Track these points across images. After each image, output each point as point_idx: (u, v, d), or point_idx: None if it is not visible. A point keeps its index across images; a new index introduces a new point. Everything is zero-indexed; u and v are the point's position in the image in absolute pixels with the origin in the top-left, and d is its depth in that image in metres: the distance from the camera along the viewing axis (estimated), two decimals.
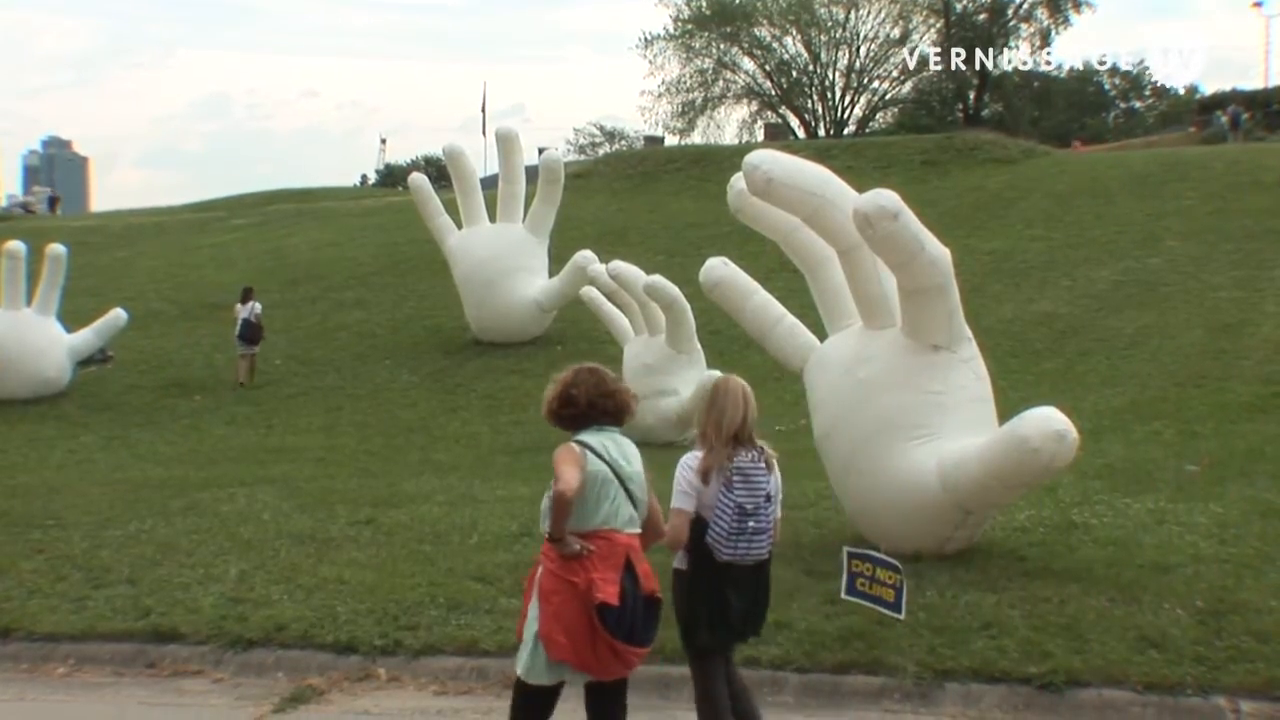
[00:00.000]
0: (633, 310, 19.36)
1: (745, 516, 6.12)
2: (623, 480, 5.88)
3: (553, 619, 5.71)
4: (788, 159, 10.19)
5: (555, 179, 26.24)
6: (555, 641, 5.70)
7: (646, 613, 5.86)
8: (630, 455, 6.02)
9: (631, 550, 5.86)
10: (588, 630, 5.68)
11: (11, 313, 24.09)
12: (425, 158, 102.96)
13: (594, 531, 5.78)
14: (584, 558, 5.71)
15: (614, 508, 5.84)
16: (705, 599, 6.21)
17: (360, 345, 27.56)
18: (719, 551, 6.13)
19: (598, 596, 5.65)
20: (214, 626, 9.08)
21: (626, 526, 5.88)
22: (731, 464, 6.16)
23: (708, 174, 39.06)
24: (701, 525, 6.16)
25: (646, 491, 6.03)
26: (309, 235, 40.63)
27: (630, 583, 5.77)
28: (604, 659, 5.75)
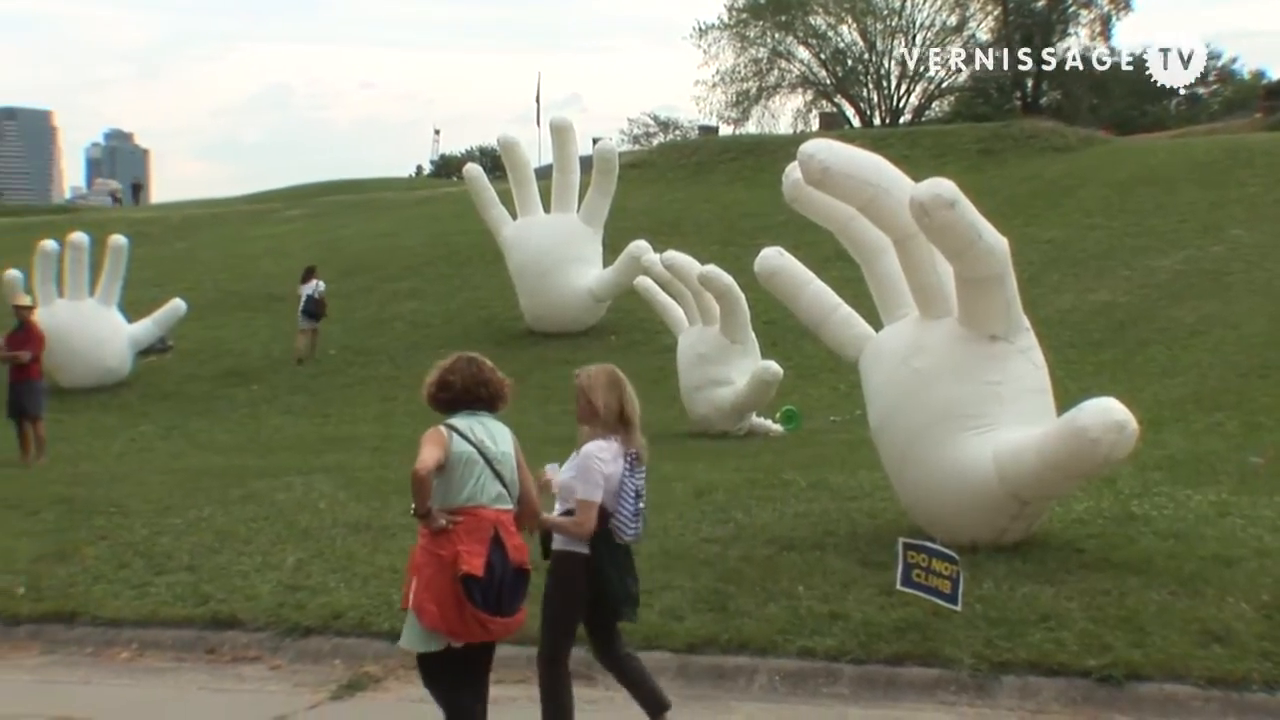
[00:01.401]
0: (687, 300, 19.32)
1: (639, 499, 6.48)
2: (489, 460, 6.20)
3: (424, 589, 6.07)
4: (843, 148, 10.13)
5: (609, 169, 26.22)
6: (426, 610, 6.05)
7: (515, 584, 6.20)
8: (499, 437, 6.33)
9: (500, 525, 6.18)
10: (455, 600, 6.01)
11: (75, 303, 24.37)
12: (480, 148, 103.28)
13: (461, 507, 6.12)
14: (450, 531, 6.05)
15: (479, 486, 6.17)
16: (618, 581, 6.49)
17: (414, 335, 27.67)
18: (621, 533, 6.43)
19: (463, 568, 5.99)
20: (272, 614, 9.15)
21: (495, 503, 6.21)
22: (631, 450, 6.50)
23: (762, 164, 38.89)
24: (603, 513, 6.39)
25: (517, 471, 6.35)
26: (364, 226, 40.83)
27: (498, 555, 6.11)
28: (471, 628, 6.09)
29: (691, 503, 12.24)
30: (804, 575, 9.27)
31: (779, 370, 18.10)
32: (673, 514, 11.67)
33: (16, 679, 8.67)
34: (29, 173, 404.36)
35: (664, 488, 13.09)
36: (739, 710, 7.55)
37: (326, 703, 7.89)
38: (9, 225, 51.51)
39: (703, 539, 10.66)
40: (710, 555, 10.03)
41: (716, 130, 68.53)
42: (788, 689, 7.79)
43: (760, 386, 18.06)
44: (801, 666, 7.91)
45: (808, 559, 9.74)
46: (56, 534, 11.75)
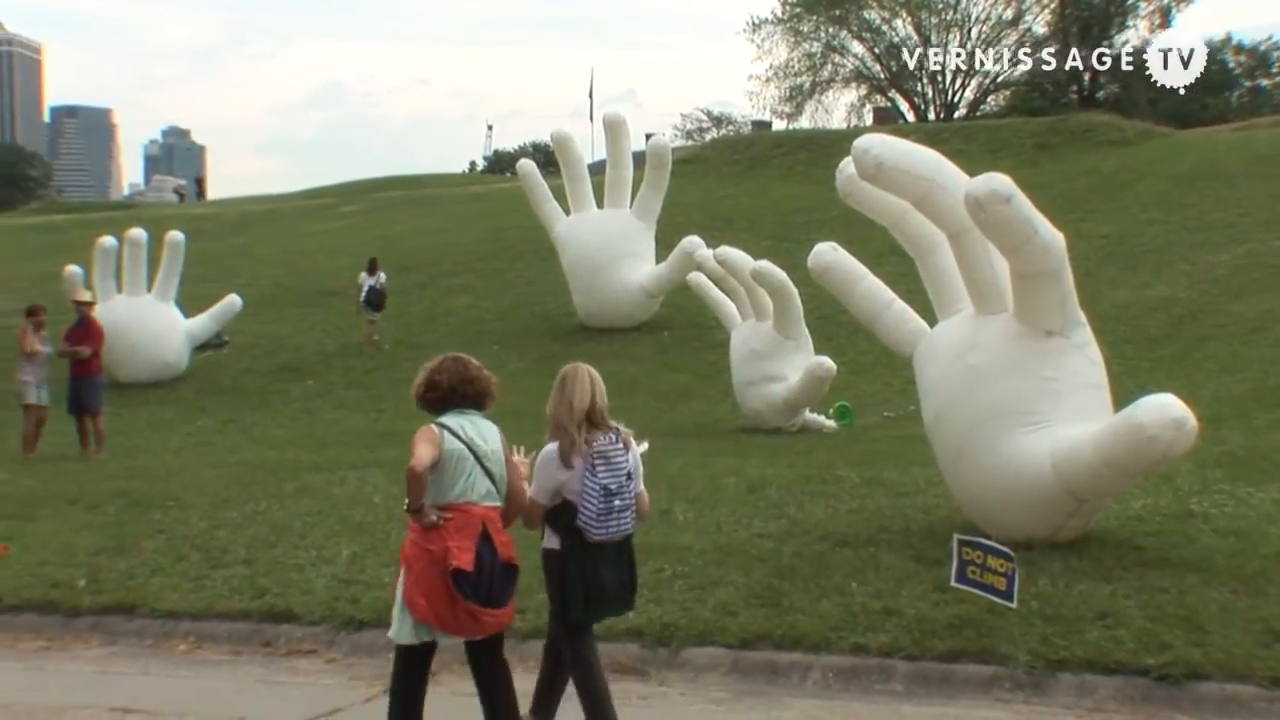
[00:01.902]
0: (740, 296, 19.29)
1: (610, 496, 6.43)
2: (479, 458, 6.39)
3: (414, 584, 6.28)
4: (898, 143, 10.08)
5: (663, 164, 26.20)
6: (417, 604, 6.26)
7: (503, 579, 6.38)
8: (488, 435, 6.51)
9: (489, 521, 6.37)
10: (445, 594, 6.20)
11: (133, 298, 24.64)
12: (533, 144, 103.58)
13: (451, 504, 6.30)
14: (441, 527, 6.23)
15: (470, 482, 6.35)
16: (581, 579, 6.49)
17: (468, 331, 27.77)
18: (590, 533, 6.43)
19: (453, 563, 6.17)
20: (327, 607, 9.21)
21: (484, 500, 6.39)
22: (591, 448, 6.44)
23: (815, 158, 38.80)
24: (571, 510, 6.45)
25: (504, 468, 6.52)
26: (418, 221, 41.04)
27: (487, 551, 6.30)
28: (463, 621, 6.27)
29: (744, 498, 12.22)
30: (857, 571, 9.24)
31: (832, 366, 18.03)
32: (725, 509, 11.67)
33: (78, 669, 8.78)
34: (88, 170, 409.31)
35: (717, 483, 13.10)
36: (792, 706, 7.53)
37: (381, 696, 7.90)
38: (69, 222, 52.18)
39: (756, 534, 10.65)
40: (763, 551, 10.00)
41: (770, 125, 68.37)
42: (841, 685, 7.77)
43: (813, 382, 18.00)
44: (855, 663, 7.87)
45: (861, 555, 9.70)
46: (116, 527, 11.88)
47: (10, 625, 9.64)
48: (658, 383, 23.17)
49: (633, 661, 8.23)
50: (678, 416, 20.79)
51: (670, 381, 23.23)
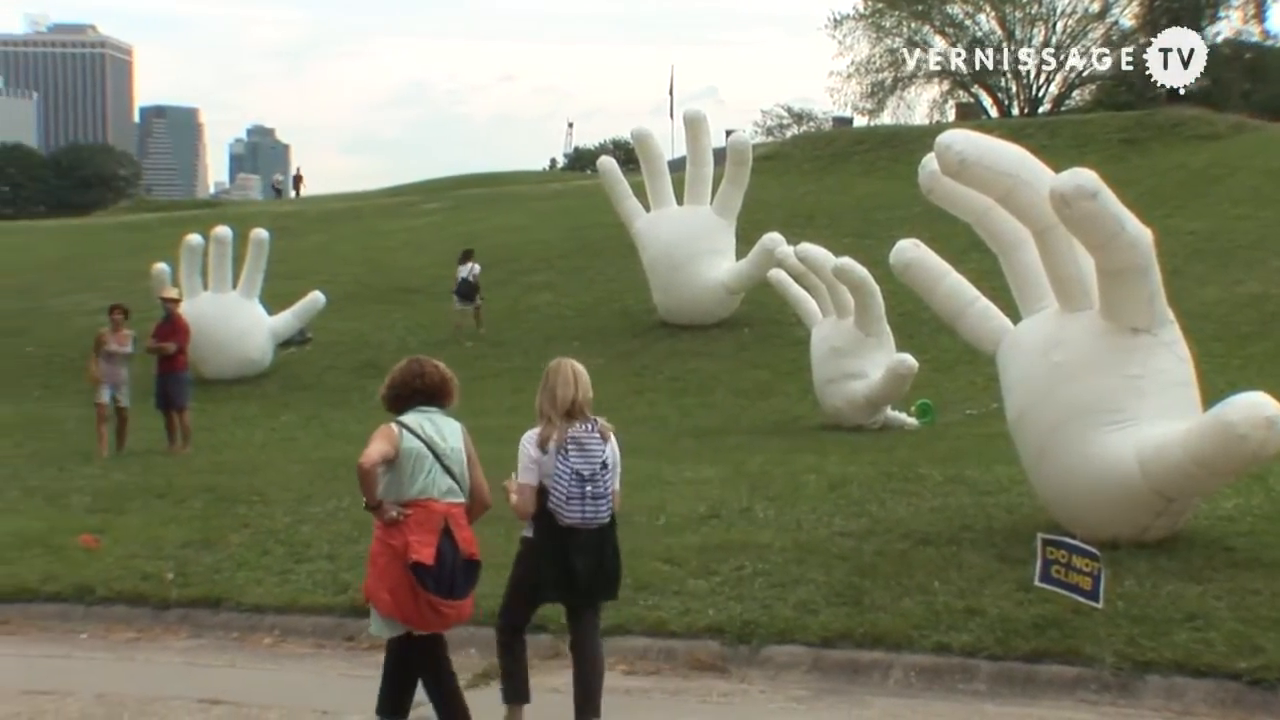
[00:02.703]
0: (821, 293, 19.20)
1: (583, 482, 6.67)
2: (439, 455, 6.56)
3: (378, 579, 6.45)
4: (981, 138, 10.00)
5: (743, 161, 26.13)
6: (380, 598, 6.45)
7: (465, 573, 6.53)
8: (448, 433, 6.68)
9: (450, 517, 6.52)
10: (408, 588, 6.36)
11: (218, 295, 24.97)
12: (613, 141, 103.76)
13: (412, 500, 6.47)
14: (402, 523, 6.40)
15: (430, 479, 6.51)
16: (550, 562, 6.73)
17: (548, 327, 27.86)
18: (561, 516, 6.65)
19: (412, 556, 6.33)
20: None
21: (445, 496, 6.55)
22: (567, 435, 6.72)
23: (897, 155, 38.52)
24: (544, 494, 6.70)
25: (466, 466, 6.69)
26: (499, 219, 41.23)
27: (449, 546, 6.44)
28: (425, 613, 6.42)
29: (825, 496, 12.18)
30: (940, 570, 9.17)
31: (914, 363, 17.90)
32: (806, 507, 11.63)
33: (167, 660, 8.92)
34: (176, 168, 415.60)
35: (797, 481, 13.06)
36: (874, 705, 7.48)
37: (463, 691, 7.96)
38: (157, 220, 53.00)
39: (836, 533, 10.60)
40: (844, 549, 9.96)
41: (851, 121, 67.94)
42: (923, 684, 7.71)
43: (895, 380, 17.88)
44: (937, 662, 7.81)
45: (943, 554, 9.63)
46: (202, 521, 12.05)
47: (102, 616, 9.82)
48: (738, 380, 23.13)
49: (713, 659, 8.22)
50: (757, 414, 20.74)
51: (750, 378, 23.18)
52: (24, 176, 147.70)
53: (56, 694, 8.02)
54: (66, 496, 13.74)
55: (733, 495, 12.40)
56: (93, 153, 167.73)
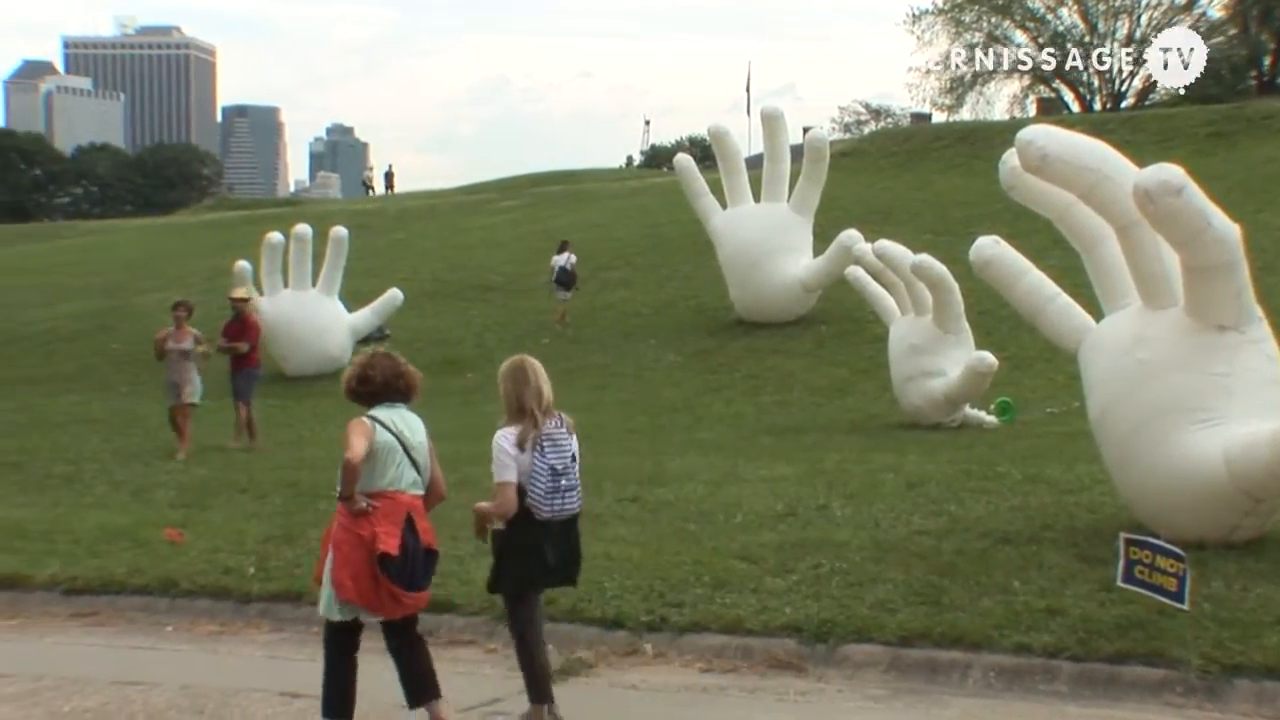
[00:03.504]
0: (899, 290, 19.08)
1: (557, 476, 6.87)
2: (407, 449, 6.83)
3: (342, 565, 6.66)
4: (1063, 134, 9.90)
5: (820, 158, 26.02)
6: (343, 584, 6.65)
7: (425, 563, 6.82)
8: (415, 428, 6.95)
9: (413, 509, 6.79)
10: (370, 576, 6.60)
11: (299, 293, 25.27)
12: (690, 138, 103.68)
13: (380, 492, 6.71)
14: (369, 514, 6.63)
15: (399, 472, 6.78)
16: (524, 552, 6.93)
17: (625, 324, 27.91)
18: (539, 510, 6.84)
19: (380, 547, 6.57)
20: (486, 599, 9.25)
21: (410, 489, 6.82)
22: (540, 432, 6.91)
23: (977, 151, 38.18)
24: (520, 491, 6.85)
25: (429, 459, 6.98)
26: (575, 216, 41.33)
27: (411, 537, 6.71)
28: (385, 601, 6.67)
29: (903, 495, 12.10)
30: (1020, 570, 9.08)
31: (994, 361, 17.74)
32: (884, 505, 11.56)
33: (250, 654, 9.03)
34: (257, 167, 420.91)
35: (875, 479, 12.98)
36: (953, 705, 7.42)
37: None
38: (239, 219, 53.71)
39: (915, 531, 10.53)
40: (923, 548, 9.89)
41: (929, 117, 67.38)
42: (1003, 685, 7.63)
43: (974, 378, 17.73)
44: (1018, 663, 7.73)
45: (1024, 553, 9.54)
46: (283, 517, 12.18)
47: (187, 609, 9.95)
48: (815, 377, 23.03)
49: (790, 657, 8.19)
50: (835, 411, 20.65)
51: (827, 376, 23.07)
52: (111, 176, 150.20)
53: (143, 684, 8.15)
54: (151, 491, 13.97)
55: (809, 493, 12.36)
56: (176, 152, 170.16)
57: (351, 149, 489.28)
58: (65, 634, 9.68)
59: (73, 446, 17.76)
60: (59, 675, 8.42)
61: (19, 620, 10.04)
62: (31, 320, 34.10)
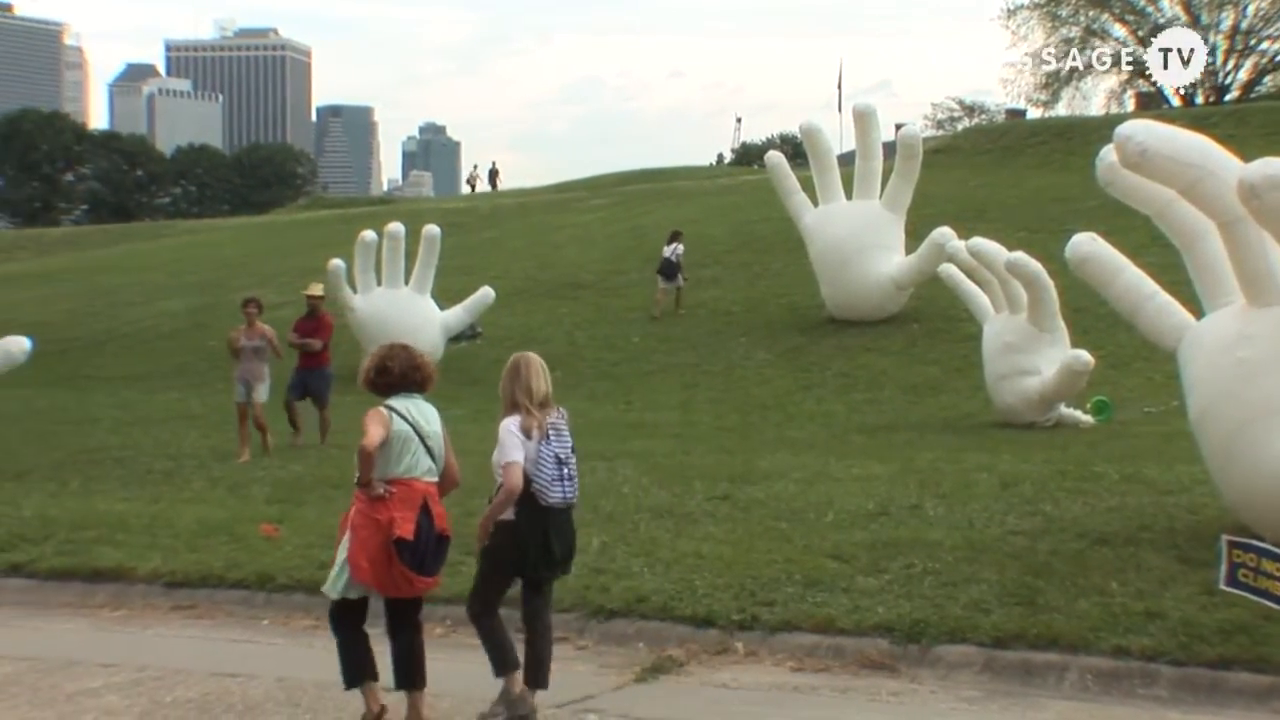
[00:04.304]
0: (993, 288, 18.88)
1: (561, 464, 7.25)
2: (423, 438, 7.13)
3: (359, 548, 6.96)
4: (1163, 128, 9.74)
5: (913, 155, 25.79)
6: (359, 565, 6.96)
7: (437, 548, 7.14)
8: (430, 418, 7.25)
9: (428, 495, 7.12)
10: (386, 558, 6.92)
11: (392, 291, 25.48)
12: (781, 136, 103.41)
13: (397, 478, 7.03)
14: (386, 499, 6.94)
15: (414, 460, 7.10)
16: (533, 541, 7.19)
17: (716, 322, 27.87)
18: (545, 496, 7.15)
19: (396, 532, 6.89)
20: (577, 596, 9.34)
21: (425, 476, 7.14)
22: (546, 423, 7.24)
23: (1073, 147, 37.69)
24: (525, 479, 7.13)
25: (444, 448, 7.28)
26: (666, 214, 41.31)
27: (426, 522, 7.04)
28: (398, 583, 7.00)
29: (997, 494, 11.98)
30: (1117, 571, 8.96)
31: (1089, 359, 17.50)
32: (977, 505, 11.45)
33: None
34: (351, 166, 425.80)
35: (968, 478, 12.86)
36: (1049, 708, 7.33)
37: (631, 685, 8.02)
38: (333, 217, 54.34)
39: (1009, 531, 10.42)
40: (1017, 548, 9.78)
41: (1024, 113, 66.57)
42: (1100, 688, 7.53)
43: (1070, 376, 17.51)
44: (1116, 666, 7.62)
45: (1121, 554, 9.40)
46: None
47: (282, 604, 10.10)
48: (907, 375, 22.87)
49: (882, 657, 8.14)
50: (927, 410, 20.48)
51: (920, 374, 22.89)
52: (209, 176, 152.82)
53: (241, 676, 8.28)
54: (248, 487, 14.18)
55: (902, 492, 12.27)
56: (272, 152, 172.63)
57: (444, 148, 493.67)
58: (167, 626, 9.87)
59: (172, 442, 18.08)
60: (161, 666, 8.59)
61: (123, 612, 10.27)
62: (132, 318, 34.78)
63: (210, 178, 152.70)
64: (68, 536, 11.70)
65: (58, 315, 35.51)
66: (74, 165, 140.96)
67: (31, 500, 13.39)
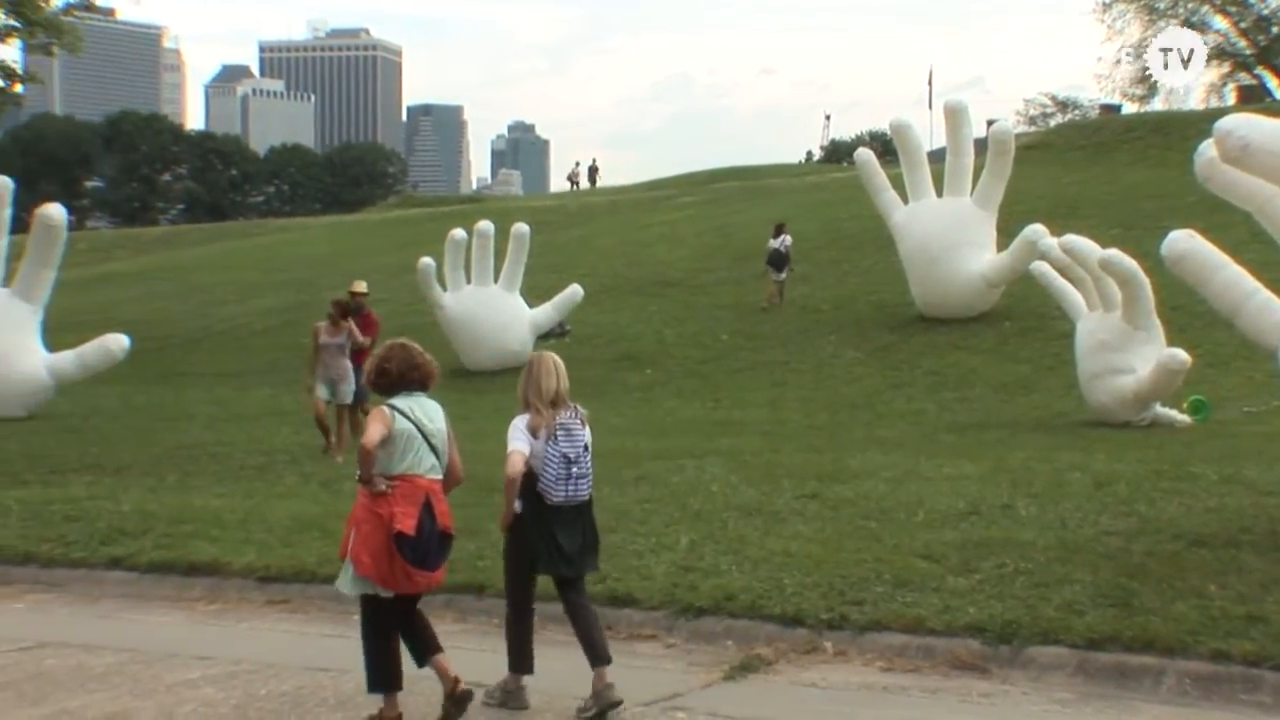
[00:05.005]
0: (1086, 285, 18.62)
1: (569, 464, 7.38)
2: (426, 436, 7.23)
3: (361, 543, 7.07)
4: (1266, 122, 9.53)
5: (1004, 151, 25.51)
6: (361, 560, 7.06)
7: (440, 545, 7.20)
8: (433, 415, 7.35)
9: (431, 492, 7.20)
10: (387, 554, 7.00)
11: (481, 289, 25.67)
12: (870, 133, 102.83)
13: (400, 475, 7.11)
14: (388, 495, 7.04)
15: (417, 457, 7.18)
16: (539, 537, 7.40)
17: (804, 320, 27.77)
18: (550, 495, 7.34)
19: (396, 526, 6.97)
20: (666, 594, 9.33)
21: (428, 473, 7.22)
22: (554, 422, 7.40)
23: (1170, 142, 37.10)
24: (532, 477, 7.34)
25: (447, 445, 7.38)
26: (755, 212, 41.23)
27: (428, 518, 7.11)
28: (399, 578, 7.06)
29: (1090, 494, 11.81)
30: (1216, 573, 8.78)
31: (1186, 358, 17.19)
32: (1070, 505, 11.30)
33: None
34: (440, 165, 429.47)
35: (1060, 478, 12.70)
36: (1146, 712, 7.20)
37: (720, 683, 8.00)
38: (422, 216, 54.85)
39: (1103, 532, 10.27)
40: (1112, 549, 9.63)
41: (1119, 109, 65.59)
42: (1200, 693, 7.37)
43: (1166, 375, 17.23)
44: (1215, 670, 7.46)
45: (1220, 556, 9.22)
46: (464, 509, 12.26)
47: None
48: (998, 374, 22.63)
49: (973, 658, 8.05)
50: (1018, 409, 20.26)
51: (1011, 373, 22.65)
52: (301, 175, 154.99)
53: (333, 671, 8.36)
54: (339, 483, 14.31)
55: (993, 492, 12.13)
56: (363, 151, 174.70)
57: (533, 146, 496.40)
58: (261, 620, 10.00)
59: (265, 438, 18.34)
60: (255, 659, 8.70)
61: (218, 605, 10.42)
62: (226, 316, 35.35)
63: (302, 177, 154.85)
64: (165, 531, 11.90)
65: (155, 313, 36.22)
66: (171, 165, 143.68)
67: (130, 495, 13.63)
